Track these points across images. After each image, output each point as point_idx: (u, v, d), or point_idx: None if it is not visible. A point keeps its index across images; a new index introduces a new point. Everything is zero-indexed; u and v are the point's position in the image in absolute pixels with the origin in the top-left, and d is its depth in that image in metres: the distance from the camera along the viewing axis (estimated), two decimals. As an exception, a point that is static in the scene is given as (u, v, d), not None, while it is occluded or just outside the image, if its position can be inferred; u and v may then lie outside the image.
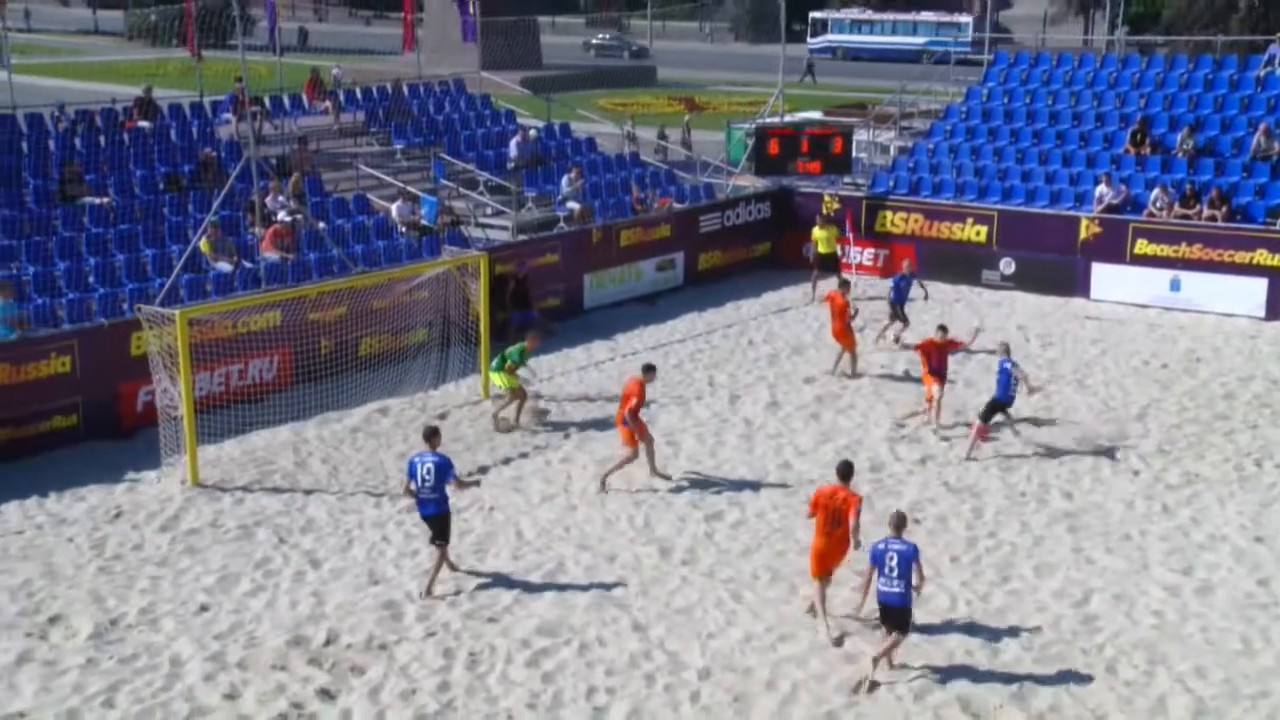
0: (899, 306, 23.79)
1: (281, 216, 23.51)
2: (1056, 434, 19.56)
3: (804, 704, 12.61)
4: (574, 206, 27.66)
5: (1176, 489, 17.70)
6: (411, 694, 12.65)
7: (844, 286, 22.93)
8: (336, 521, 16.54)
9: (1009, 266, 28.17)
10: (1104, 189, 27.63)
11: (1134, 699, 12.72)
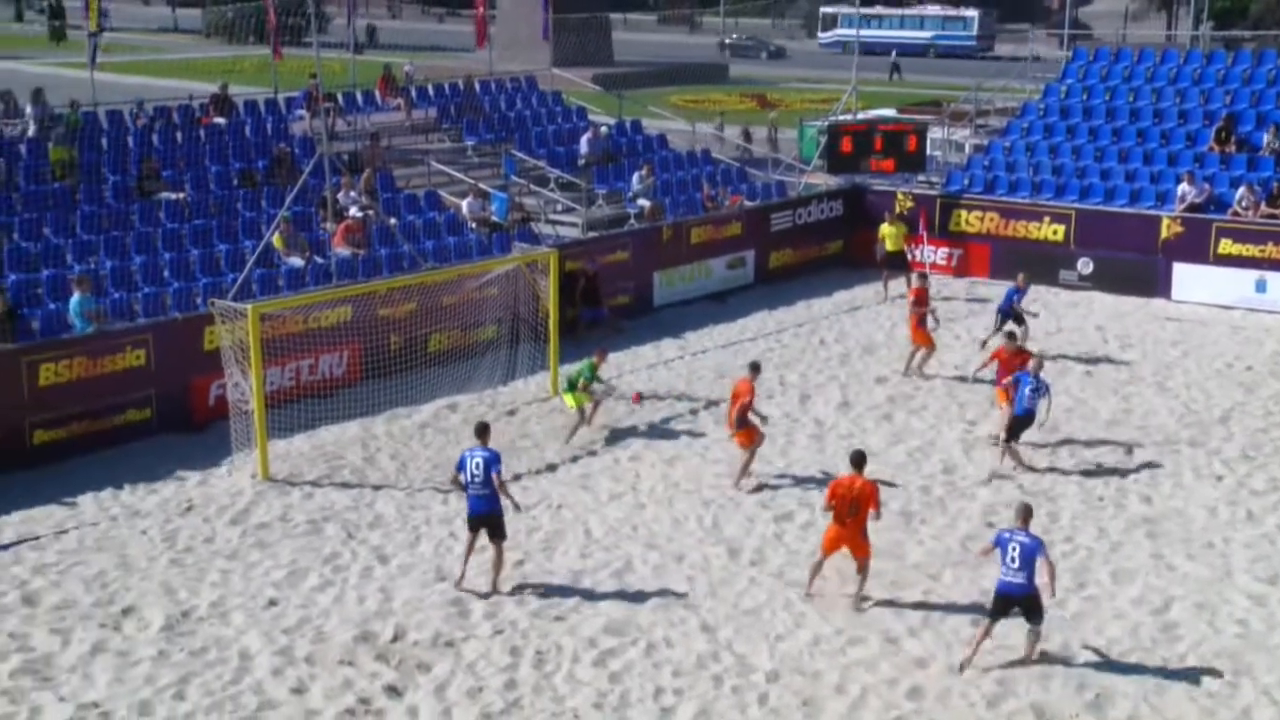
0: (1007, 318, 22.44)
1: (353, 212, 23.67)
2: (1135, 437, 19.19)
3: (873, 709, 12.45)
4: (644, 204, 27.61)
5: (1262, 495, 17.28)
6: (478, 692, 12.65)
7: (923, 279, 22.55)
8: (404, 517, 16.60)
9: (1087, 266, 27.72)
10: (1186, 187, 27.10)
11: (1217, 710, 12.42)
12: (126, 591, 14.55)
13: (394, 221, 24.07)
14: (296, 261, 22.08)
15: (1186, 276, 26.64)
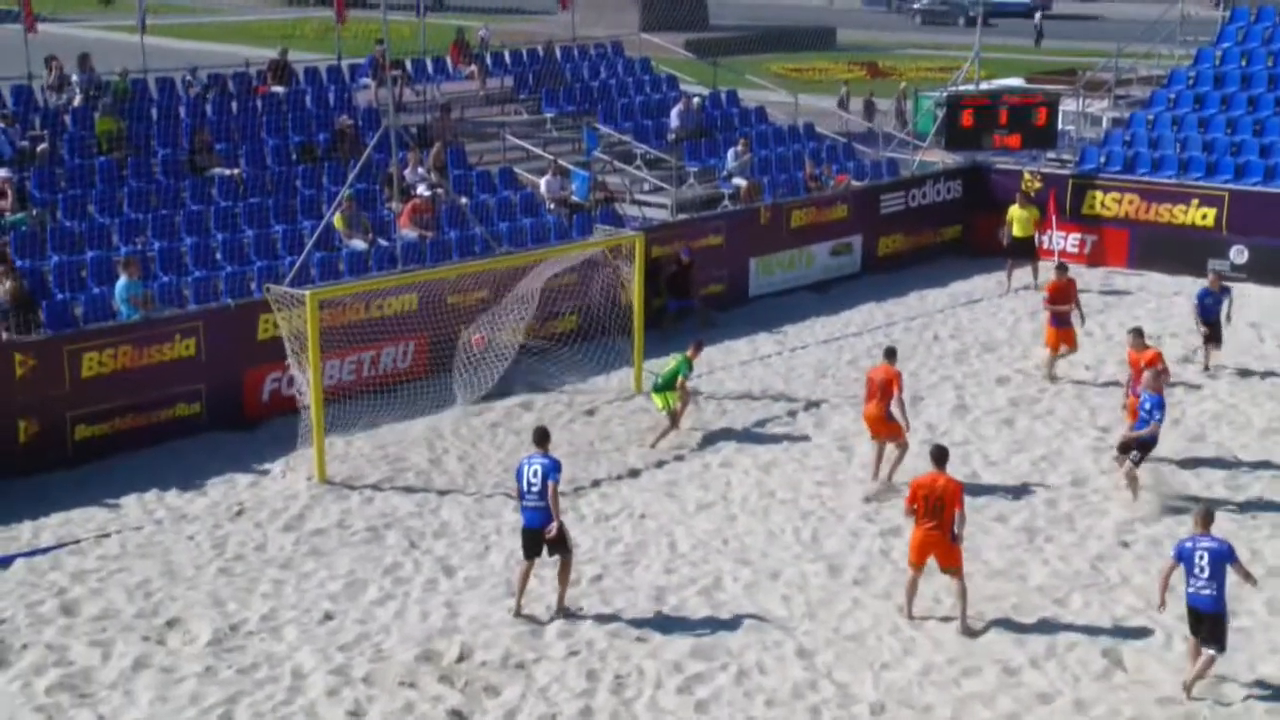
0: (1211, 325, 21.82)
1: (421, 191, 23.85)
2: (1293, 449, 18.77)
3: (991, 749, 12.29)
4: (740, 183, 27.52)
5: None
6: (551, 719, 12.66)
7: (1061, 270, 22.10)
8: (473, 526, 16.68)
9: (1241, 255, 27.22)
10: (1357, 166, 26.46)
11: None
12: (171, 602, 14.76)
13: (465, 201, 24.22)
14: (359, 244, 22.30)
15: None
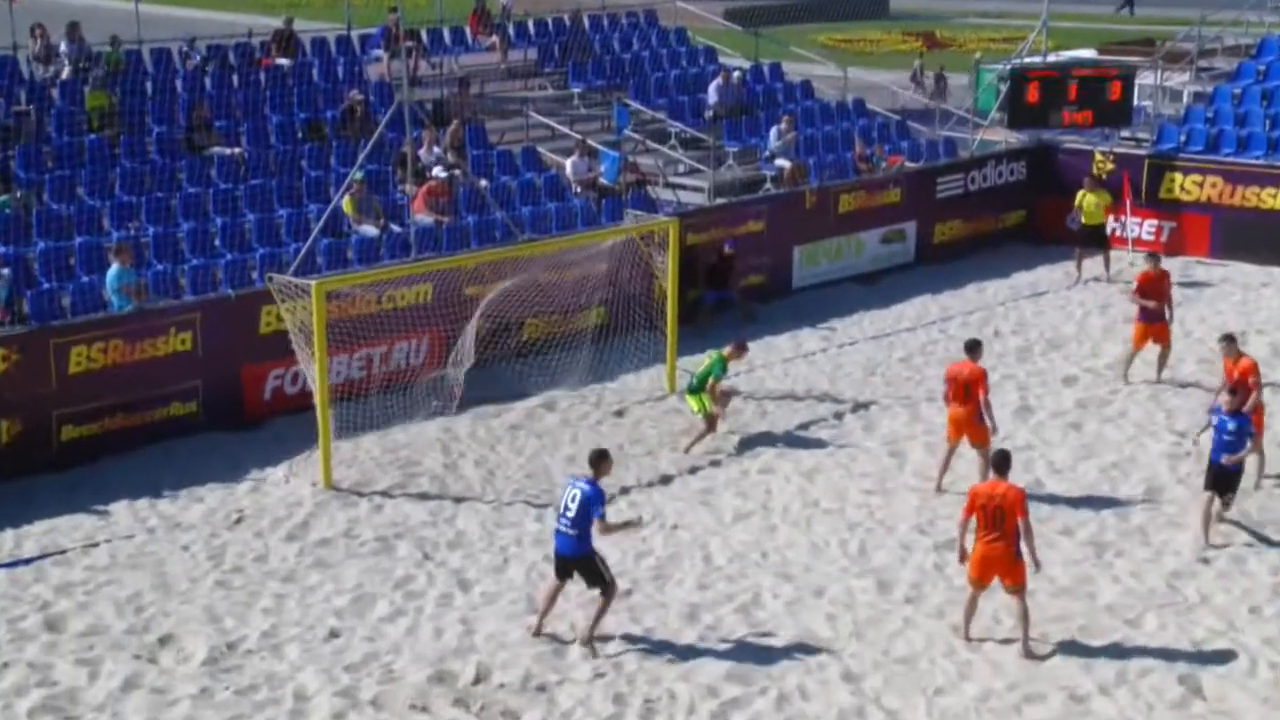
0: None
1: (437, 172, 23.91)
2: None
3: (1054, 783, 12.27)
4: (783, 164, 27.50)
5: None
6: (573, 746, 12.72)
7: (1153, 259, 21.85)
8: (491, 536, 16.73)
9: (1335, 243, 27.11)
10: None
11: None
12: (165, 617, 14.83)
13: (485, 184, 24.28)
14: (370, 230, 22.38)
15: None
